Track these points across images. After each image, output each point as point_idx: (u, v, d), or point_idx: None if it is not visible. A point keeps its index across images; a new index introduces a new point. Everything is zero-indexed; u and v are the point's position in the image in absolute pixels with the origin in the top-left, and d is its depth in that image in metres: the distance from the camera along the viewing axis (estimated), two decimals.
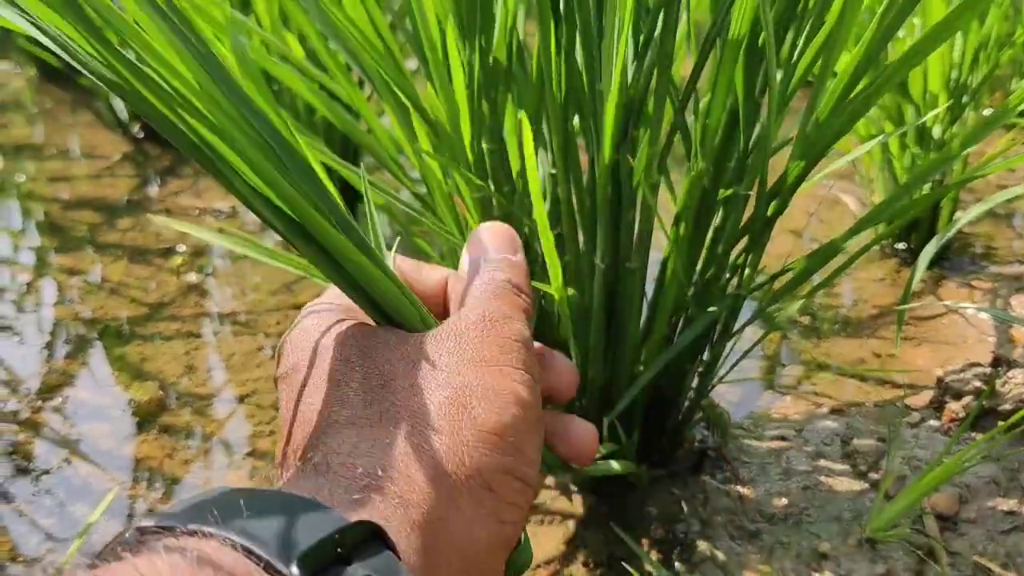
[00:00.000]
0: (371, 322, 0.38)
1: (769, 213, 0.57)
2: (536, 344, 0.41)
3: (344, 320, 0.38)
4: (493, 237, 0.42)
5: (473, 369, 0.35)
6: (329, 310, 0.40)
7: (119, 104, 1.42)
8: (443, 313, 0.42)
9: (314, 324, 0.39)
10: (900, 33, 0.87)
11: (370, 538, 0.29)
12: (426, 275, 0.42)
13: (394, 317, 0.38)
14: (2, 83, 1.73)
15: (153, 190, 1.28)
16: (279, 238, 1.12)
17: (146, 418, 0.80)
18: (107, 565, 0.26)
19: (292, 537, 0.27)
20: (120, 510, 0.70)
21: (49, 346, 0.92)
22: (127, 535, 0.28)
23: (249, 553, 0.27)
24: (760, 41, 0.51)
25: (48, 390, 0.84)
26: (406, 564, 0.30)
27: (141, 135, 1.43)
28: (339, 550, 0.28)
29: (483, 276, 0.40)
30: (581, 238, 0.57)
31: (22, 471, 0.74)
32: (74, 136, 1.48)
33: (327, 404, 0.35)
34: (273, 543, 0.27)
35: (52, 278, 1.05)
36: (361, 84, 1.01)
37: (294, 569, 0.26)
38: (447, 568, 0.32)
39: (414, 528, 0.31)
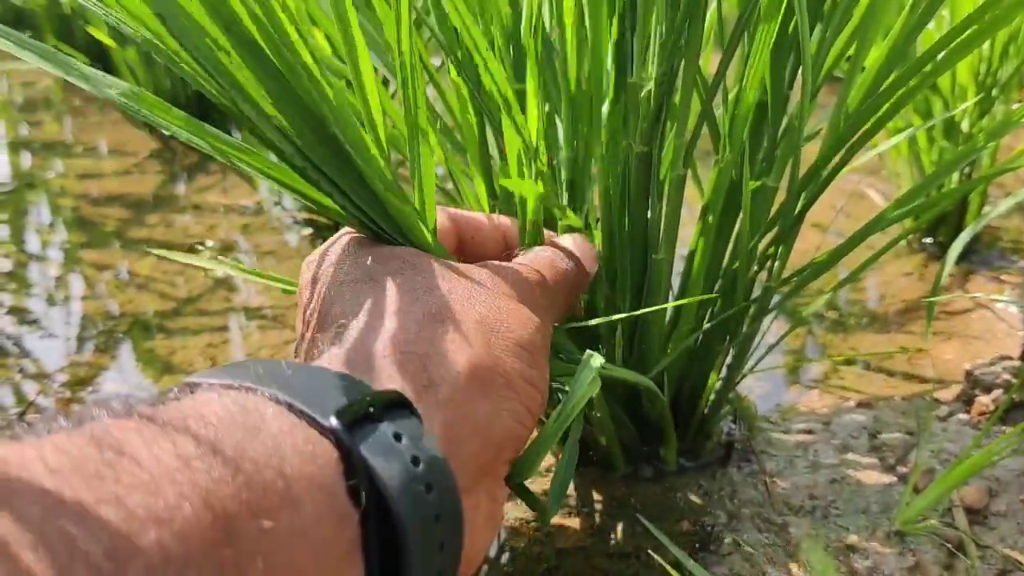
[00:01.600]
0: None
1: (799, 208, 0.57)
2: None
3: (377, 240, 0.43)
4: (579, 244, 0.49)
5: (508, 300, 0.40)
6: (356, 233, 0.45)
7: None
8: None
9: (349, 237, 0.44)
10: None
11: (397, 405, 0.33)
12: (496, 223, 0.50)
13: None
14: (32, 81, 1.75)
15: (180, 187, 1.29)
16: (305, 234, 1.13)
17: None
18: (161, 407, 0.28)
19: (328, 397, 0.31)
20: None
21: (79, 340, 0.93)
22: (177, 389, 0.31)
23: (290, 407, 0.30)
24: (790, 29, 0.51)
25: (78, 383, 0.85)
26: (428, 432, 0.34)
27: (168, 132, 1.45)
28: (371, 410, 0.31)
29: (556, 254, 0.47)
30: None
31: None
32: (102, 133, 1.50)
33: (362, 299, 0.39)
34: (312, 400, 0.31)
35: (81, 273, 1.06)
36: (386, 83, 1.01)
37: (333, 420, 0.30)
38: (465, 444, 0.36)
39: (439, 405, 0.35)
